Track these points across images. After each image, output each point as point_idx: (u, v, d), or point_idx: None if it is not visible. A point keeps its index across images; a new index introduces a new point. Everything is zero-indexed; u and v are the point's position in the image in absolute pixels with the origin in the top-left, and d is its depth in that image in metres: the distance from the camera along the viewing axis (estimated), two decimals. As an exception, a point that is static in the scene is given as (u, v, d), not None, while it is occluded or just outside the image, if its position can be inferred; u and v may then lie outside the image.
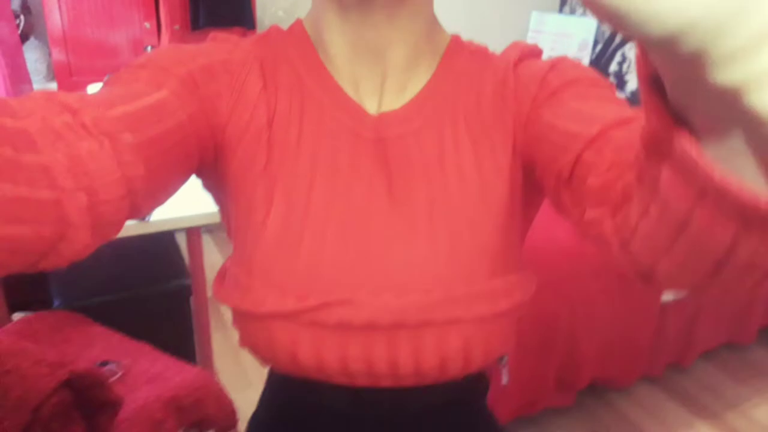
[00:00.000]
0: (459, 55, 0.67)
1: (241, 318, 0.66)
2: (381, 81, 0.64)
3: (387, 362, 0.63)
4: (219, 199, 0.70)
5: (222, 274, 0.69)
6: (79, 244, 0.45)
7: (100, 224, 0.47)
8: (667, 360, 2.42)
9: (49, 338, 1.69)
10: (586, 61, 3.66)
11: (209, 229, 3.55)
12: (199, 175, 0.66)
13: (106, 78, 0.60)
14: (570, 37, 3.77)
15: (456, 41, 0.68)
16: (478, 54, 0.67)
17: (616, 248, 0.45)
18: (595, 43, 3.67)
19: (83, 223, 0.45)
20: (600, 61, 3.67)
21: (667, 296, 2.22)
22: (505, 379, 0.83)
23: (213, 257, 3.27)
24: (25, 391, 1.16)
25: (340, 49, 0.63)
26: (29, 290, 1.98)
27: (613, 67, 3.63)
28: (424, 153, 0.63)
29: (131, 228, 1.74)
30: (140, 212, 0.52)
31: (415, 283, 0.61)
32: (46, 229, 0.42)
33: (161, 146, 0.52)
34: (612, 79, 3.59)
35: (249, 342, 0.66)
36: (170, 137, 0.54)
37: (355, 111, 0.63)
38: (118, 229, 0.51)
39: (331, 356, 0.62)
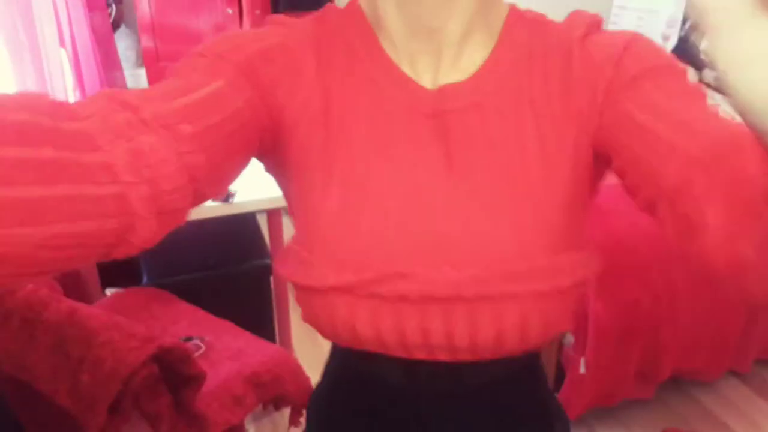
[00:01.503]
0: (519, 27, 0.66)
1: (303, 294, 0.67)
2: (437, 55, 0.64)
3: (443, 335, 0.63)
4: (280, 180, 0.72)
5: (284, 253, 0.71)
6: (147, 233, 0.48)
7: (165, 213, 0.49)
8: (755, 355, 2.31)
9: (138, 313, 1.78)
10: (674, 39, 3.49)
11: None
12: (259, 158, 0.68)
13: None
14: (657, 14, 3.60)
15: (514, 12, 0.67)
16: (538, 24, 0.66)
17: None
18: (684, 20, 3.49)
19: (148, 213, 0.47)
20: (689, 39, 3.49)
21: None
22: (582, 368, 0.81)
23: (291, 238, 3.33)
24: (116, 363, 1.23)
25: (396, 26, 0.64)
26: (120, 268, 2.08)
27: (704, 45, 3.44)
28: (486, 126, 0.63)
29: (215, 209, 1.80)
30: (204, 198, 0.55)
31: (474, 258, 0.61)
32: (112, 222, 0.44)
33: (220, 134, 0.54)
34: (703, 56, 3.41)
35: (311, 317, 0.68)
36: (228, 124, 0.56)
37: (411, 87, 0.64)
38: (184, 216, 0.53)
39: (389, 328, 0.63)
